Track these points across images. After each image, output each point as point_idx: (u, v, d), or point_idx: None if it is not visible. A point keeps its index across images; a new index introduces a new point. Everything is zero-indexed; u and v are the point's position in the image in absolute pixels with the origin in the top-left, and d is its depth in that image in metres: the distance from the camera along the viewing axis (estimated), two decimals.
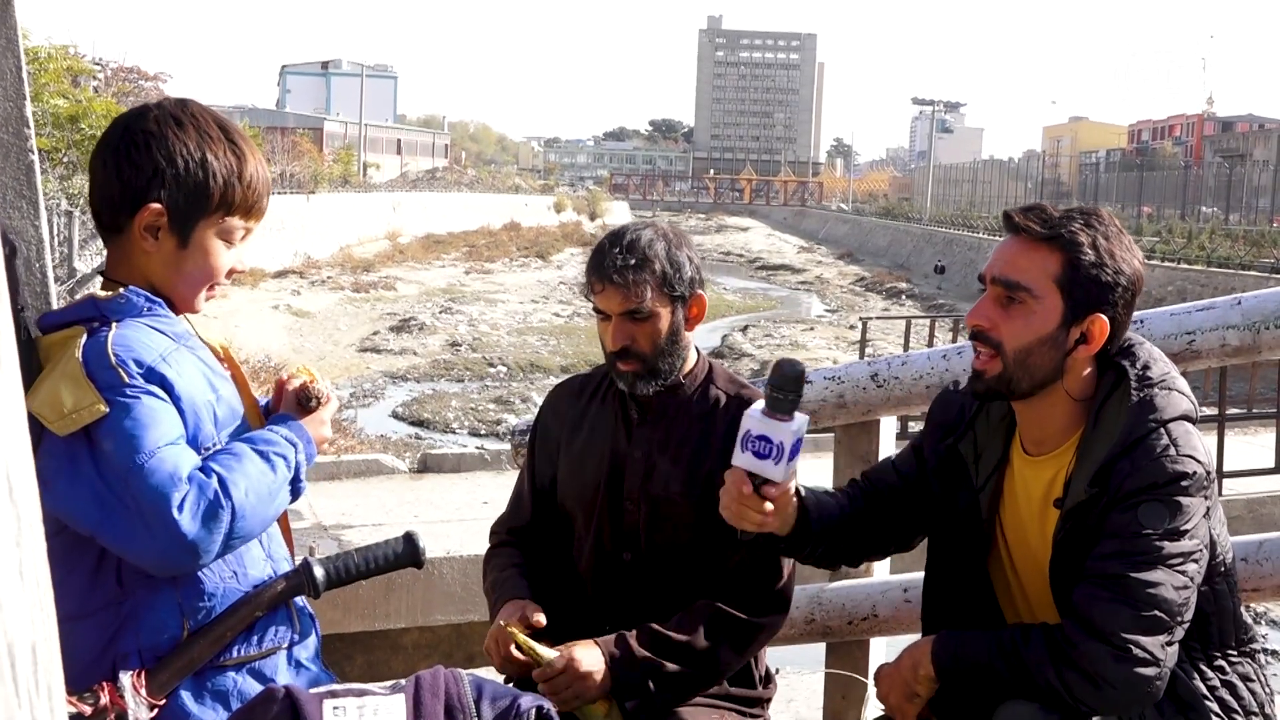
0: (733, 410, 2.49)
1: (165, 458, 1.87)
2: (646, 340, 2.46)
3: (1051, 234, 2.10)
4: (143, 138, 2.00)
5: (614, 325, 2.46)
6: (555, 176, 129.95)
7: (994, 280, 2.14)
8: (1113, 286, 2.10)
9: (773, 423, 2.03)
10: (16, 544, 0.89)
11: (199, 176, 2.00)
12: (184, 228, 2.02)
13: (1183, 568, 2.01)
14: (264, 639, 2.03)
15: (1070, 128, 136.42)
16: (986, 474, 2.26)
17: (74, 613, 1.91)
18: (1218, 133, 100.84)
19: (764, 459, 2.04)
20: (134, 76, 31.05)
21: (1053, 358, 2.12)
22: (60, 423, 1.85)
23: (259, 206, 2.09)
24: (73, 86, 17.56)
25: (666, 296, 2.46)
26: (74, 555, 1.92)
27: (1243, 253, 34.42)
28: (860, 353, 19.71)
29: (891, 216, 77.07)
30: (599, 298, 2.46)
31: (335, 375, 22.24)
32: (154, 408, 1.90)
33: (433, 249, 49.28)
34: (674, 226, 2.60)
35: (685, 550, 2.51)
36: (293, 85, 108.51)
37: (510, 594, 2.50)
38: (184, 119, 2.03)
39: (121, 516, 1.85)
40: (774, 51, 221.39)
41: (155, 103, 2.09)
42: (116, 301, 1.98)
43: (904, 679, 2.20)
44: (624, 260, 2.42)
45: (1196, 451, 2.06)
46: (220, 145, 2.03)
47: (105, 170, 2.02)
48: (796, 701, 3.98)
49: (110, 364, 1.89)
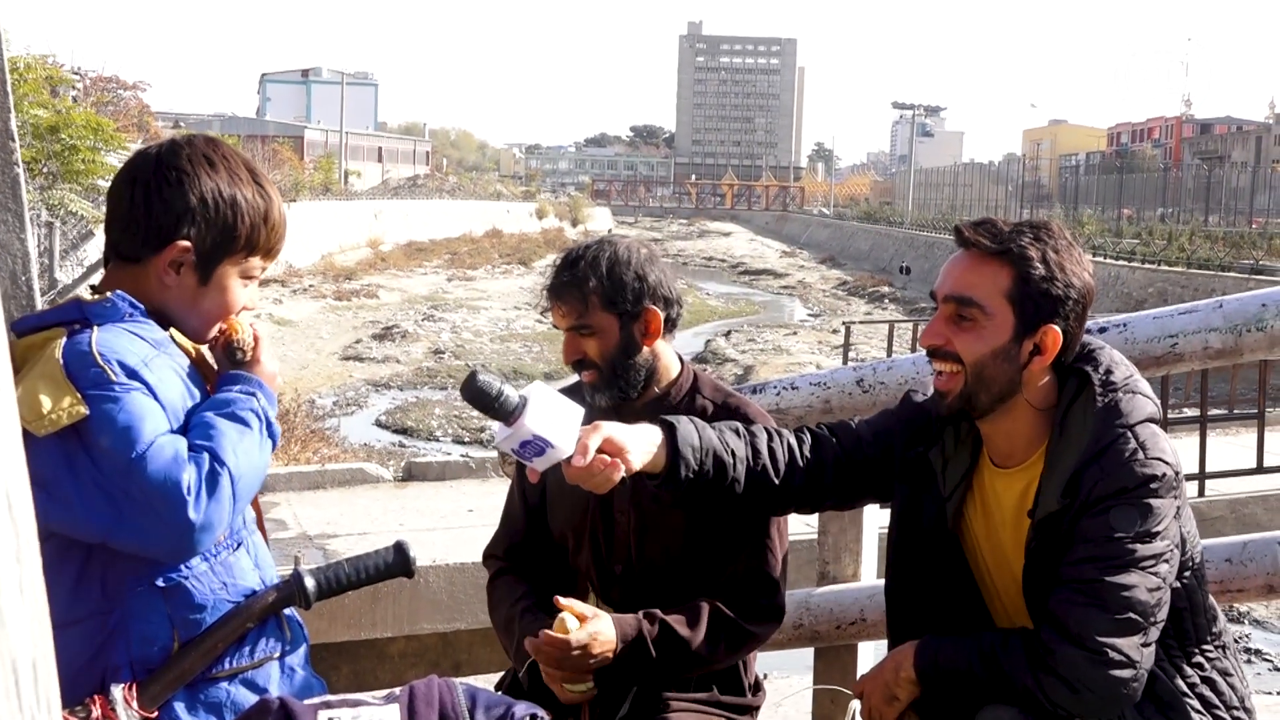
0: (719, 416, 2.51)
1: (164, 444, 1.88)
2: (596, 354, 2.51)
3: (1001, 249, 2.11)
4: (175, 175, 2.01)
5: (565, 339, 2.55)
6: (537, 183, 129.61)
7: (946, 298, 2.16)
8: (1063, 299, 2.11)
9: (513, 430, 2.05)
10: (16, 560, 0.89)
11: (229, 217, 2.02)
12: (208, 266, 2.04)
13: (1155, 569, 2.03)
14: (256, 649, 2.03)
15: (1050, 131, 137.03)
16: (954, 484, 2.28)
17: (58, 620, 1.91)
18: (1196, 135, 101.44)
19: (544, 453, 2.07)
20: (113, 86, 30.92)
21: (1007, 371, 2.13)
22: (38, 423, 1.83)
23: (278, 248, 2.13)
24: (52, 96, 17.47)
25: (609, 312, 2.49)
26: (57, 564, 1.90)
27: (1222, 254, 34.61)
28: (843, 357, 19.77)
29: (873, 220, 77.25)
30: (552, 314, 2.55)
31: (318, 384, 22.19)
32: (143, 402, 1.90)
33: (415, 256, 49.17)
34: (639, 243, 2.62)
35: (676, 561, 2.52)
36: (273, 93, 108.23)
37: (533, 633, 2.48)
38: (216, 159, 2.04)
39: (133, 511, 1.85)
40: (754, 57, 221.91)
41: (185, 139, 2.09)
42: (102, 305, 1.97)
43: (885, 681, 2.22)
44: (560, 279, 2.51)
45: (1164, 453, 2.08)
46: (250, 187, 2.06)
47: (133, 202, 2.02)
48: (785, 707, 3.99)
49: (95, 363, 1.89)
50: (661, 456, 2.18)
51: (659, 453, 2.18)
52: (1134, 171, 73.18)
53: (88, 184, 16.15)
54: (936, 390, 2.19)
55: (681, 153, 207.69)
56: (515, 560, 2.69)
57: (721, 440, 2.26)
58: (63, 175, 15.35)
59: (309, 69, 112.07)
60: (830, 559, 3.54)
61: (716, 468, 2.24)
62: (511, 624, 2.56)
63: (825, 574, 3.53)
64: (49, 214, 11.92)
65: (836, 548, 3.53)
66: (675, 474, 2.20)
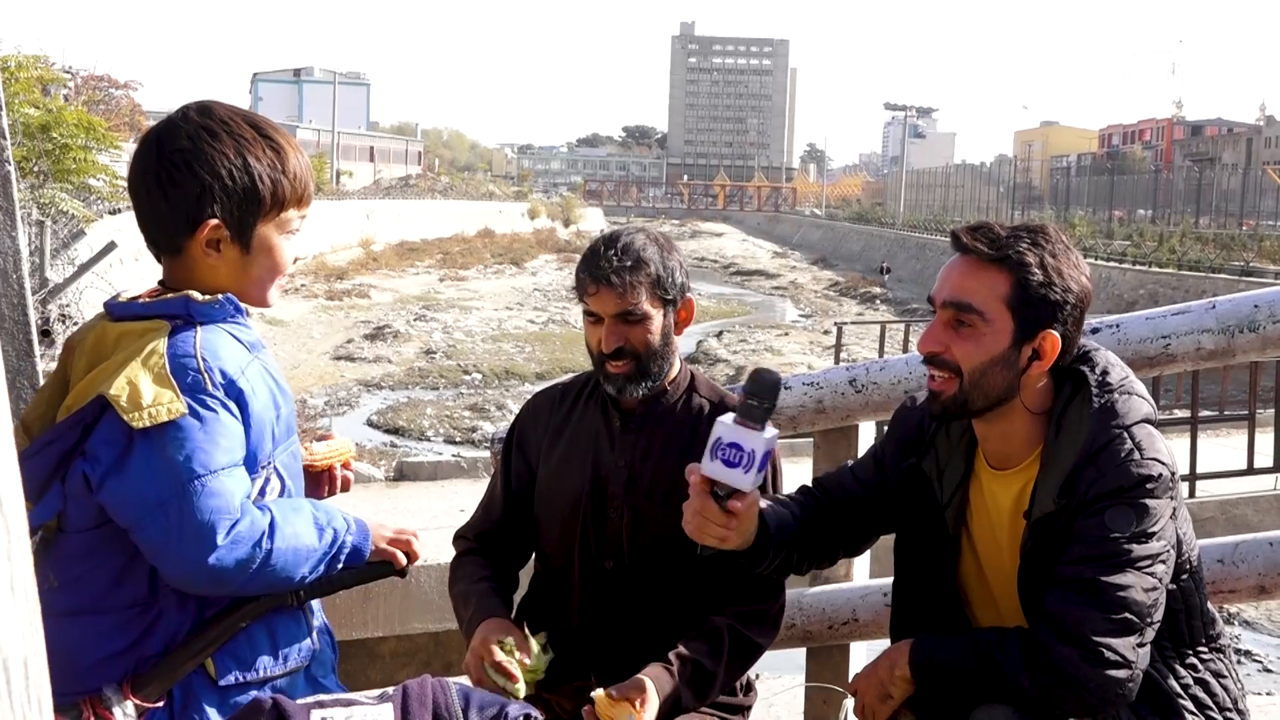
0: (716, 416, 2.50)
1: (225, 481, 1.87)
2: (640, 342, 2.48)
3: (999, 255, 2.11)
4: (179, 157, 1.95)
5: (607, 327, 2.48)
6: (529, 183, 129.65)
7: (945, 304, 2.15)
8: (1061, 304, 2.11)
9: (746, 431, 2.00)
10: (8, 558, 0.89)
11: (246, 182, 1.97)
12: (244, 234, 1.99)
13: (1151, 569, 2.03)
14: (288, 658, 2.02)
15: (1041, 132, 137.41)
16: (951, 490, 2.28)
17: (88, 606, 1.90)
18: (1187, 137, 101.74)
19: (734, 467, 2.01)
20: (104, 85, 30.83)
21: (1006, 376, 2.13)
22: (137, 414, 1.82)
23: (308, 193, 2.07)
24: (43, 95, 17.43)
25: (659, 299, 2.48)
26: (101, 550, 1.91)
27: (1213, 256, 34.69)
28: (835, 358, 19.76)
29: (865, 221, 77.38)
30: (593, 299, 2.47)
31: (309, 384, 22.14)
32: (227, 425, 1.88)
33: (406, 256, 49.11)
34: (662, 234, 2.62)
35: (668, 558, 2.51)
36: (264, 93, 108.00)
37: (487, 611, 2.49)
38: (215, 127, 1.98)
39: (160, 524, 1.85)
40: (747, 58, 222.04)
41: (179, 114, 2.02)
42: (211, 306, 1.95)
43: (880, 679, 2.22)
44: (619, 262, 2.44)
45: (1160, 454, 2.08)
46: (258, 144, 1.99)
47: (150, 197, 1.97)
48: (776, 707, 3.99)
49: (198, 367, 1.87)
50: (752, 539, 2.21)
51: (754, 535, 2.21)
52: (1125, 173, 73.33)
53: (79, 183, 16.11)
54: (930, 391, 2.19)
55: (674, 153, 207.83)
56: (485, 544, 2.68)
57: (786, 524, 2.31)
58: (54, 174, 15.30)
59: (301, 68, 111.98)
60: None
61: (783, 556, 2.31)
62: (469, 598, 2.55)
63: (817, 574, 3.53)
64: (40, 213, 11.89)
65: None
66: (757, 561, 2.27)
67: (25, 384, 2.69)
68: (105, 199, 17.97)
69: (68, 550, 1.91)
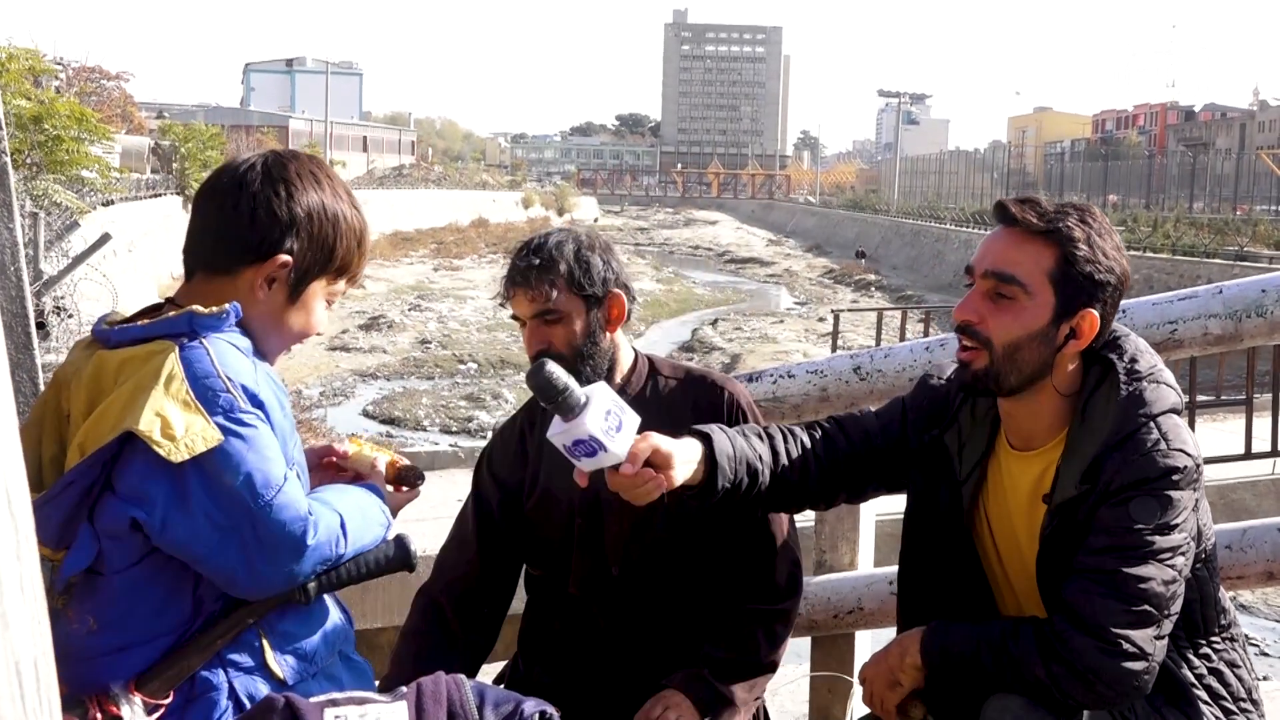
0: (688, 390, 2.53)
1: (289, 493, 1.86)
2: (562, 342, 2.44)
3: (1049, 228, 2.08)
4: (284, 187, 1.94)
5: (529, 329, 2.46)
6: (523, 172, 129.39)
7: (986, 274, 2.11)
8: (1104, 284, 2.09)
9: (571, 425, 1.98)
10: (17, 558, 0.87)
11: (329, 235, 1.97)
12: (301, 283, 1.97)
13: (1172, 561, 2.01)
14: (330, 685, 1.99)
15: (1035, 118, 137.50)
16: (970, 466, 2.25)
17: (134, 642, 1.86)
18: (1181, 122, 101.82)
19: (595, 455, 2.00)
20: (96, 76, 30.79)
21: (1042, 354, 2.10)
22: (171, 447, 1.77)
23: (361, 274, 2.09)
24: (35, 87, 17.39)
25: (577, 297, 2.45)
26: (146, 586, 1.86)
27: (1207, 241, 34.75)
28: (832, 345, 19.78)
29: (859, 208, 77.48)
30: (512, 304, 2.48)
31: (305, 375, 22.14)
32: (267, 436, 1.86)
33: (401, 246, 49.13)
34: (593, 232, 2.59)
35: (673, 551, 2.49)
36: (257, 83, 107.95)
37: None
38: (320, 175, 1.99)
39: (235, 548, 1.83)
40: (740, 45, 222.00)
41: (288, 152, 2.04)
42: (216, 317, 1.89)
43: (889, 666, 2.19)
44: (527, 263, 2.44)
45: (1186, 445, 2.05)
46: (349, 207, 2.02)
47: (236, 213, 1.94)
48: (781, 695, 3.98)
49: (225, 387, 1.83)
50: (700, 469, 2.15)
51: (698, 465, 2.15)
52: (1119, 158, 73.49)
53: (72, 174, 16.09)
54: (960, 361, 2.16)
55: (667, 141, 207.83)
56: (452, 597, 2.61)
57: (750, 447, 2.24)
58: (46, 166, 15.28)
59: (293, 58, 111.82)
60: (827, 548, 3.52)
61: (749, 475, 2.22)
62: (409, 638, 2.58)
63: (822, 563, 3.52)
64: (33, 204, 11.86)
65: (833, 537, 3.51)
66: (712, 486, 2.17)
67: (24, 377, 2.67)
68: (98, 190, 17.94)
69: (109, 593, 1.86)
